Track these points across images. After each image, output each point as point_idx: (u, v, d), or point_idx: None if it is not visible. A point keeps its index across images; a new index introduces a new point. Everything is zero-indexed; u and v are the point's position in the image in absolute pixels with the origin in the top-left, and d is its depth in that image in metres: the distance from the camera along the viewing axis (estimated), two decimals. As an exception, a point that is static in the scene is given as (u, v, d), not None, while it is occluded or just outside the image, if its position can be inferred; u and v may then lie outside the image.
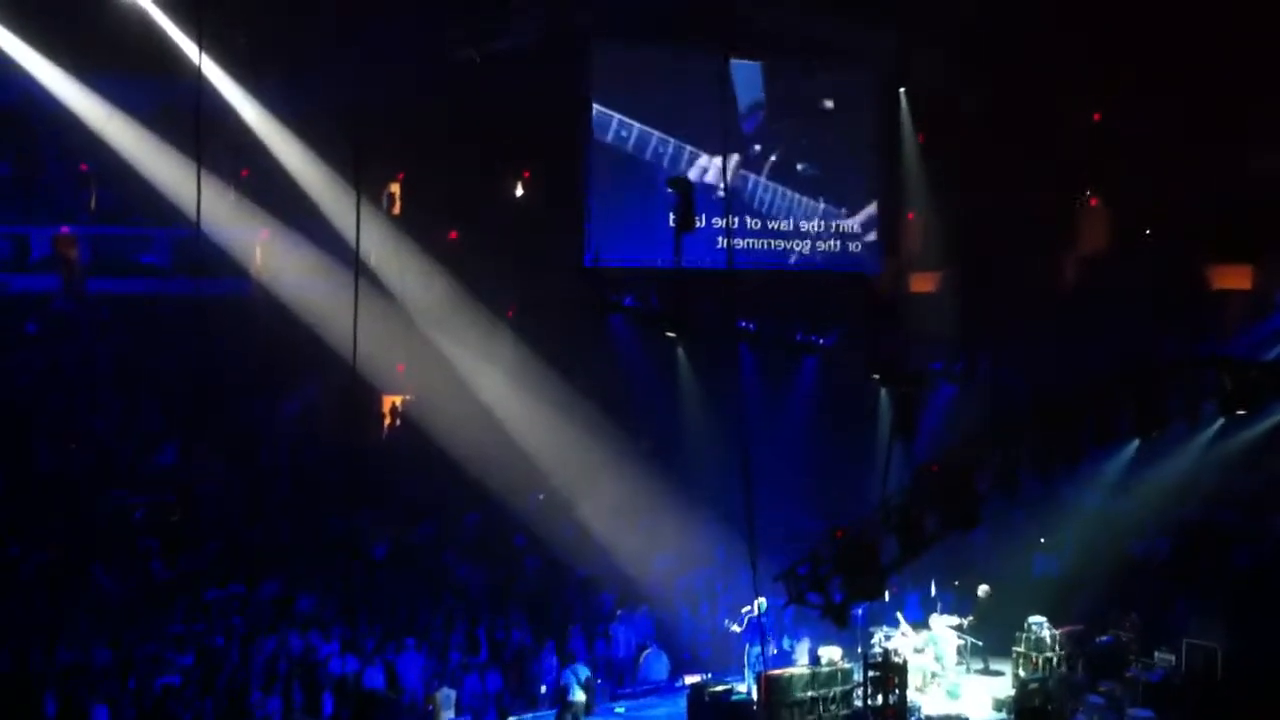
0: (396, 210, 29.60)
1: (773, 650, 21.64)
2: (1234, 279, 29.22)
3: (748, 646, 21.31)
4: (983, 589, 23.97)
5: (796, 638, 22.56)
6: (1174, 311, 28.16)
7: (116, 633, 21.50)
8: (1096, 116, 29.93)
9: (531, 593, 25.11)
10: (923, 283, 31.62)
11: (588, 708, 20.66)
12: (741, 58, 28.57)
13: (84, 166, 28.33)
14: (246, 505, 26.37)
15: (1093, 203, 30.77)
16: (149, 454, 27.34)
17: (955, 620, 23.19)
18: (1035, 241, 29.90)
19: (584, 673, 20.86)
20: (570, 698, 20.45)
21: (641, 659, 23.11)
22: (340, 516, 24.79)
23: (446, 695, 21.59)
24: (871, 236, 30.75)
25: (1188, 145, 27.37)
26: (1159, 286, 28.48)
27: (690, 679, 21.75)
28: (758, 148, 29.52)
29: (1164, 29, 26.18)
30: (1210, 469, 25.56)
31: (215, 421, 27.37)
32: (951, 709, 21.44)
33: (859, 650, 20.97)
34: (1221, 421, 24.08)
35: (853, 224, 30.50)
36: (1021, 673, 21.92)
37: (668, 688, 22.83)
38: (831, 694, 19.86)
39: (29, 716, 18.97)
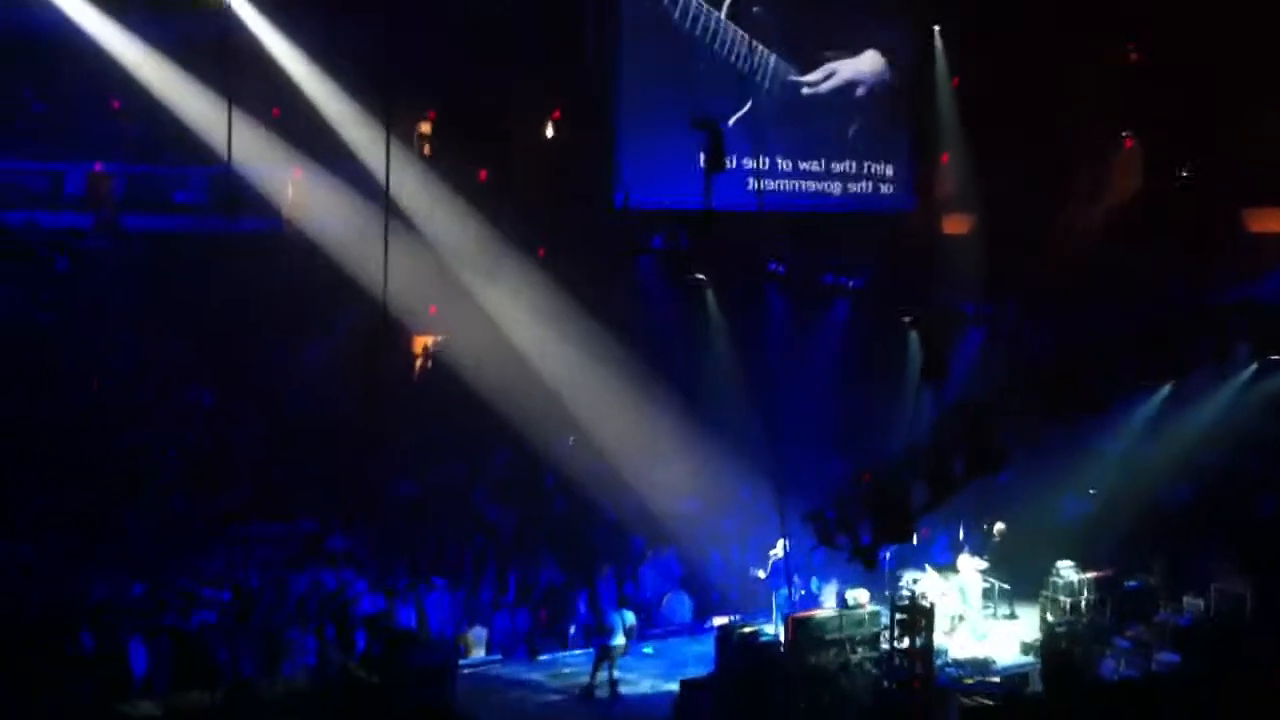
0: (428, 150, 29.50)
1: (800, 593, 21.74)
2: (1271, 222, 28.91)
3: (776, 591, 21.41)
4: (998, 527, 24.01)
5: (824, 580, 22.68)
6: (1209, 255, 27.91)
7: (153, 570, 21.78)
8: (1134, 56, 29.54)
9: (561, 533, 25.29)
10: (956, 225, 31.41)
11: (624, 649, 20.76)
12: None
13: (116, 104, 28.34)
14: (277, 444, 26.56)
15: (1128, 144, 30.42)
16: (179, 393, 27.55)
17: (982, 563, 23.26)
18: (1070, 183, 29.64)
19: (630, 618, 20.93)
20: (612, 641, 20.51)
21: (665, 602, 23.27)
22: (370, 456, 24.97)
23: (478, 633, 21.89)
24: (904, 177, 30.50)
25: (1225, 86, 27.01)
26: (1194, 229, 28.22)
27: (718, 620, 21.89)
28: (790, 87, 29.22)
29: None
30: (1241, 414, 25.45)
31: (247, 359, 27.58)
32: (978, 651, 21.56)
33: (886, 593, 21.06)
34: (1255, 366, 24.00)
35: (885, 166, 30.26)
36: (1049, 616, 21.99)
37: (696, 628, 23.02)
38: (858, 636, 19.94)
39: (66, 652, 19.22)
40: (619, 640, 20.57)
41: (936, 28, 30.13)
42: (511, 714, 20.19)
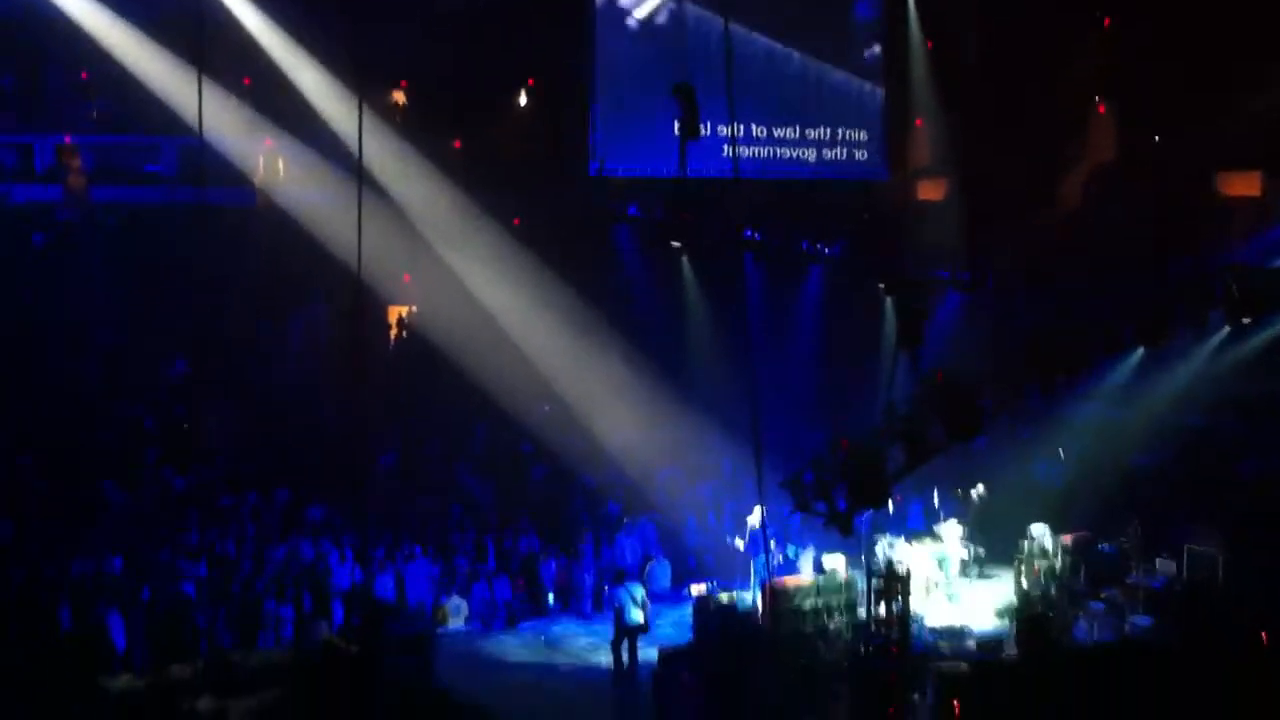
0: (400, 119, 29.37)
1: (779, 559, 21.80)
2: (1243, 186, 29.00)
3: (754, 559, 21.45)
4: (978, 489, 24.10)
5: (801, 546, 22.76)
6: (1182, 219, 28.00)
7: (129, 543, 21.74)
8: (1106, 21, 29.55)
9: (539, 501, 25.32)
10: (930, 190, 31.43)
11: (644, 628, 20.31)
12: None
13: (85, 75, 28.12)
14: (254, 416, 26.50)
15: (1100, 110, 30.45)
16: (157, 365, 27.44)
17: (961, 529, 23.37)
18: (1043, 149, 29.67)
19: (639, 592, 20.43)
20: (628, 620, 20.14)
21: (647, 569, 23.33)
22: (348, 426, 24.92)
23: (456, 604, 21.93)
24: (878, 144, 30.49)
25: (1196, 51, 27.05)
26: (1167, 194, 28.30)
27: (696, 588, 21.95)
28: (763, 54, 29.13)
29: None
30: (1215, 377, 25.60)
31: (223, 331, 27.47)
32: (954, 618, 21.69)
33: (862, 559, 21.16)
34: (1227, 330, 24.10)
35: (859, 132, 30.24)
36: (1024, 580, 22.12)
37: (673, 596, 23.09)
38: (835, 603, 20.04)
39: (45, 627, 19.19)
40: (636, 617, 20.16)
41: (910, -7, 30.09)
42: (491, 683, 20.20)
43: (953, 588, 22.73)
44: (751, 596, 20.79)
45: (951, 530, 23.10)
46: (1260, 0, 26.26)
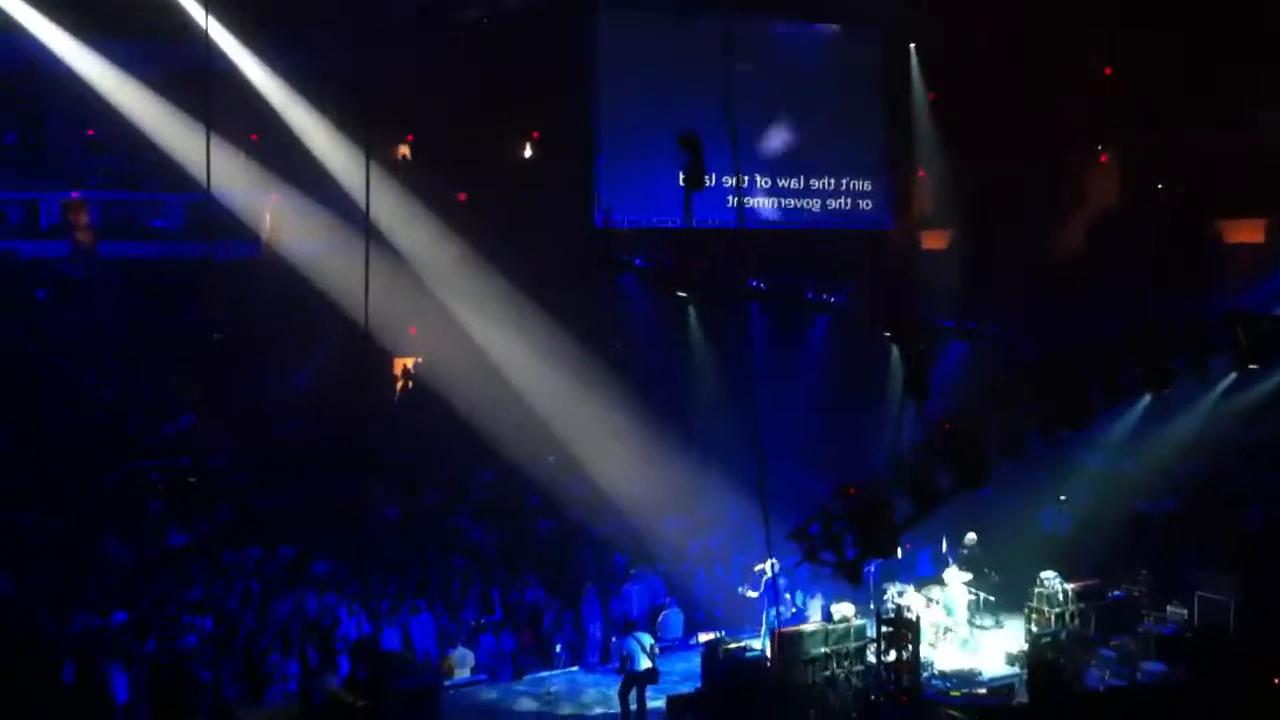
0: (406, 172, 29.54)
1: (792, 610, 21.69)
2: (1247, 233, 29.08)
3: (767, 608, 21.29)
4: (969, 537, 24.02)
5: (810, 595, 22.67)
6: (1186, 267, 28.04)
7: (133, 598, 21.65)
8: (1107, 70, 29.74)
9: (545, 553, 25.23)
10: (934, 240, 31.54)
11: (654, 675, 20.09)
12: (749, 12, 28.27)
13: (91, 131, 28.33)
14: (260, 469, 26.47)
15: (1103, 159, 30.59)
16: (162, 420, 27.45)
17: (967, 575, 23.27)
18: (1047, 198, 29.79)
19: (648, 640, 20.25)
20: (636, 667, 19.95)
21: (660, 618, 23.20)
22: (353, 478, 24.89)
23: (463, 655, 21.78)
24: (882, 193, 30.60)
25: (1197, 100, 27.19)
26: (1171, 242, 28.36)
27: (704, 636, 21.84)
28: (767, 105, 29.30)
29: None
30: (1220, 424, 25.56)
31: (228, 384, 27.48)
32: (964, 663, 21.55)
33: (871, 606, 21.04)
34: (1232, 376, 24.07)
35: (863, 182, 30.35)
36: (1034, 627, 22.00)
37: (682, 645, 22.96)
38: (845, 650, 19.96)
39: (48, 684, 19.07)
40: (644, 664, 19.97)
41: (913, 45, 30.28)
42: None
43: (961, 634, 22.60)
44: (761, 645, 20.69)
45: (955, 576, 23.00)
46: (1260, 48, 26.40)
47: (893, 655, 18.95)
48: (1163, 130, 28.33)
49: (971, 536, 24.05)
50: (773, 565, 20.68)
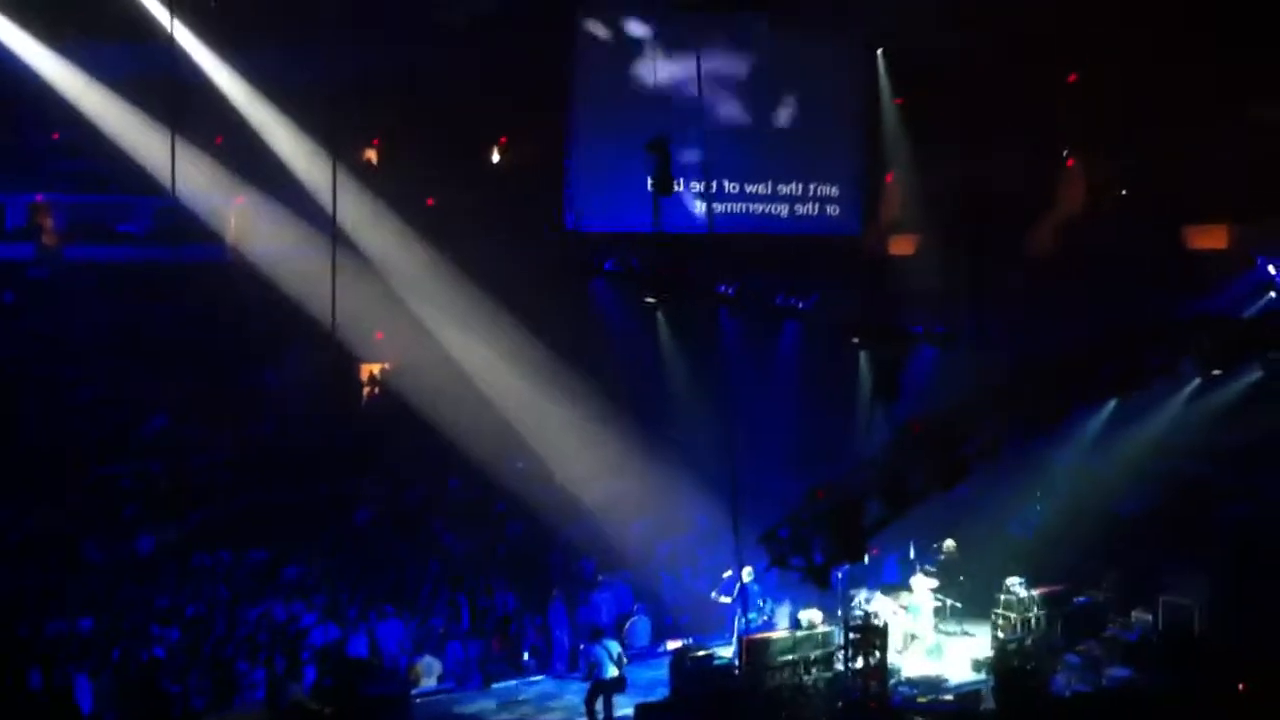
0: (373, 176, 29.41)
1: (763, 617, 21.67)
2: (1210, 239, 29.24)
3: (737, 616, 21.27)
4: (948, 544, 24.07)
5: (778, 601, 22.65)
6: (1152, 271, 28.18)
7: (102, 604, 21.50)
8: (1072, 77, 29.85)
9: (514, 559, 25.16)
10: (902, 245, 31.57)
11: (621, 684, 20.01)
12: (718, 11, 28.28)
13: (56, 135, 28.14)
14: (233, 471, 26.35)
15: (1069, 164, 30.71)
16: (133, 423, 27.29)
17: (934, 582, 23.32)
18: (1014, 203, 29.86)
19: (615, 648, 20.18)
20: (603, 675, 19.88)
21: (628, 625, 23.16)
22: (322, 484, 24.82)
23: (429, 663, 21.69)
24: (850, 199, 30.62)
25: (1162, 105, 27.32)
26: (1136, 247, 28.48)
27: (672, 644, 21.81)
28: (735, 111, 29.33)
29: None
30: (1190, 426, 25.68)
31: (197, 389, 27.35)
32: (931, 670, 21.60)
33: (839, 613, 21.07)
34: (1198, 380, 24.21)
35: (831, 187, 30.38)
36: (1000, 633, 22.06)
37: (649, 652, 22.91)
38: (812, 657, 19.98)
39: (13, 689, 18.91)
40: (611, 672, 19.90)
41: (879, 50, 30.31)
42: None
43: (929, 641, 22.64)
44: (729, 652, 20.68)
45: (922, 583, 23.05)
46: (1224, 55, 26.54)
47: (861, 662, 18.98)
48: (1127, 136, 28.45)
49: (950, 543, 24.10)
50: (748, 572, 20.69)
